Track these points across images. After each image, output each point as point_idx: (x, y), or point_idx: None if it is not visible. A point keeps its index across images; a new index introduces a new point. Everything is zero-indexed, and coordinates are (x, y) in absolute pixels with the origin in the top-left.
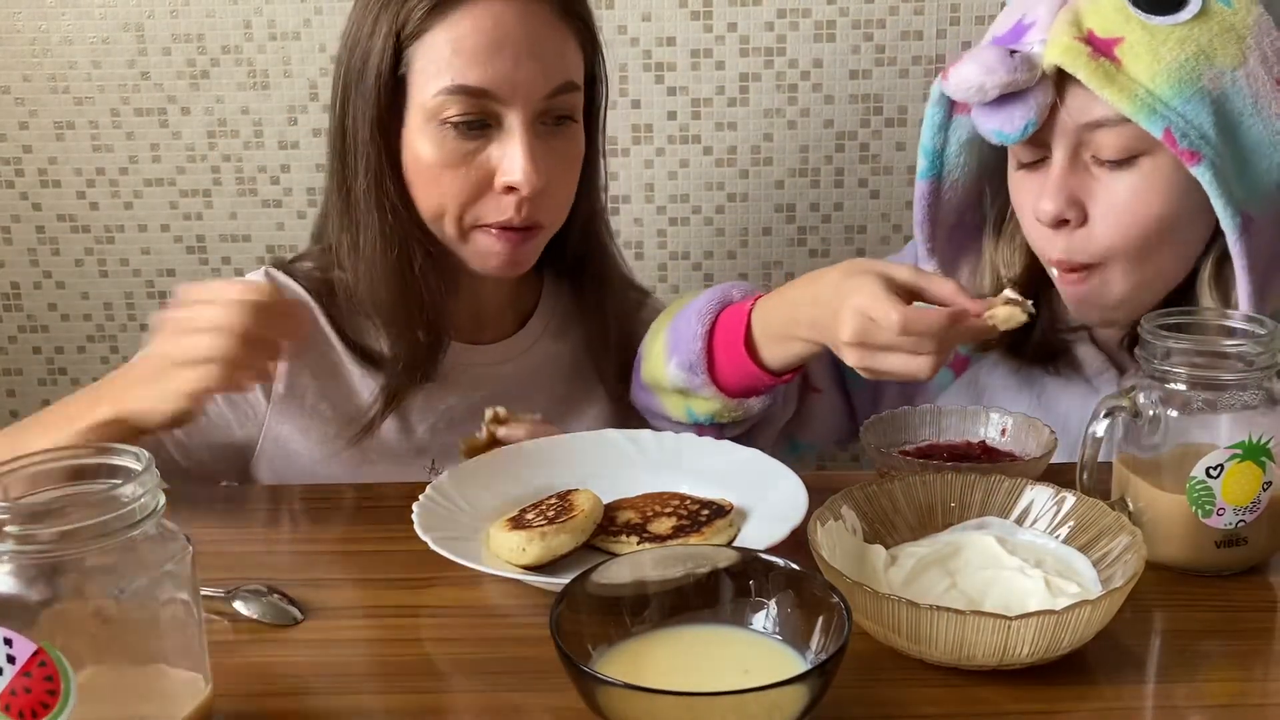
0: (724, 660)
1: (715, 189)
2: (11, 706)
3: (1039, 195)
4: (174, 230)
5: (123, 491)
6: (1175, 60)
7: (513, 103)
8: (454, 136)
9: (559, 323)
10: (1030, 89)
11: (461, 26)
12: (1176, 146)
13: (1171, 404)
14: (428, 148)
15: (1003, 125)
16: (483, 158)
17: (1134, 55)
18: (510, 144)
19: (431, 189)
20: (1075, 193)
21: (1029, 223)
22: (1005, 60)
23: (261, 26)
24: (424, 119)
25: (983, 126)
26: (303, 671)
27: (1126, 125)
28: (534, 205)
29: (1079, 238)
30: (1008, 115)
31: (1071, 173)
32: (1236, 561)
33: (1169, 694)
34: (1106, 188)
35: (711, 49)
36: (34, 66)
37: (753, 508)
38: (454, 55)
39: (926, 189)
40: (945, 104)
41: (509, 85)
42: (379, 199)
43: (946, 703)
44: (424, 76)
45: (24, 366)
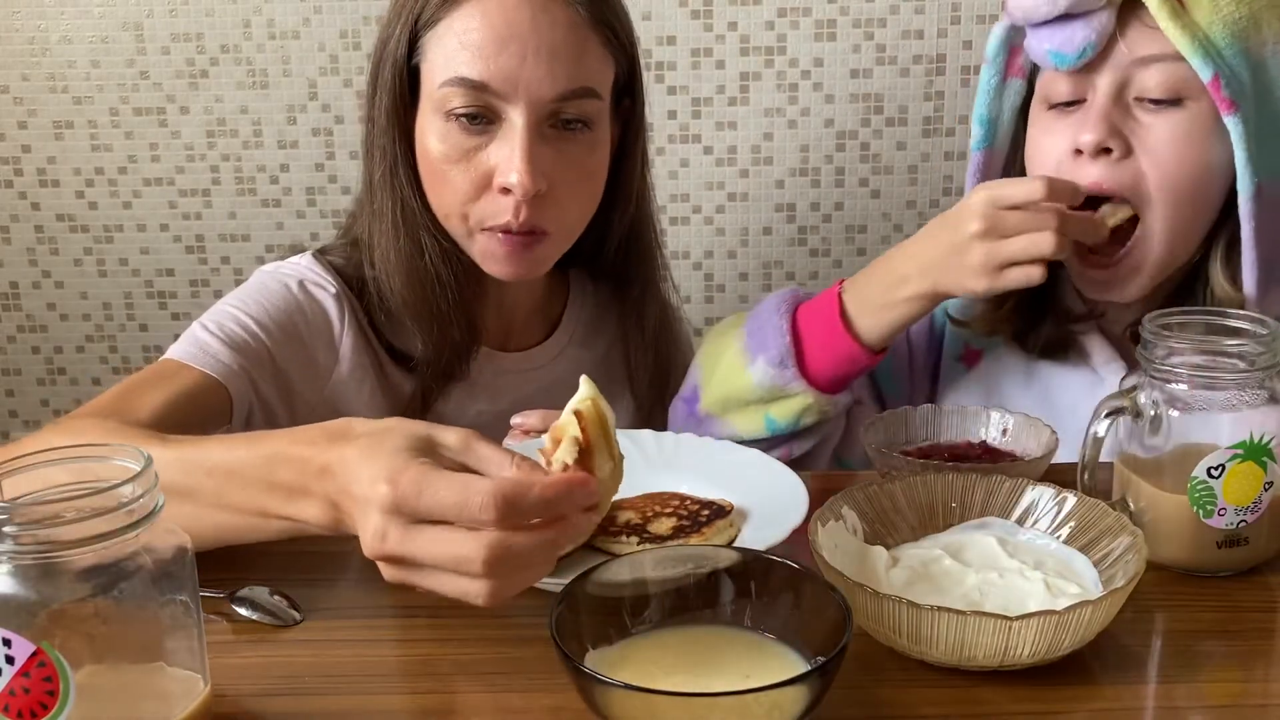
0: (724, 661)
1: (715, 189)
2: (10, 706)
3: (1079, 129)
4: (173, 230)
5: (123, 491)
6: (1231, 15)
7: (515, 100)
8: (458, 131)
9: (585, 329)
10: (1094, 11)
11: (472, 19)
12: (1220, 93)
13: (1173, 404)
14: (434, 141)
15: (1063, 45)
16: (483, 155)
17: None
18: (509, 143)
19: (437, 184)
20: (1119, 126)
21: (1053, 166)
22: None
23: (261, 26)
24: (432, 111)
25: (1039, 47)
26: (302, 671)
27: (1176, 65)
28: (535, 210)
29: (1119, 169)
30: (1069, 35)
31: (1115, 108)
32: (1237, 562)
33: (1170, 694)
34: (1148, 127)
35: (711, 48)
36: (33, 66)
37: (753, 508)
38: (460, 47)
39: (982, 161)
40: (1001, 63)
41: (511, 82)
42: (392, 188)
43: (947, 703)
44: (433, 67)
45: (23, 366)
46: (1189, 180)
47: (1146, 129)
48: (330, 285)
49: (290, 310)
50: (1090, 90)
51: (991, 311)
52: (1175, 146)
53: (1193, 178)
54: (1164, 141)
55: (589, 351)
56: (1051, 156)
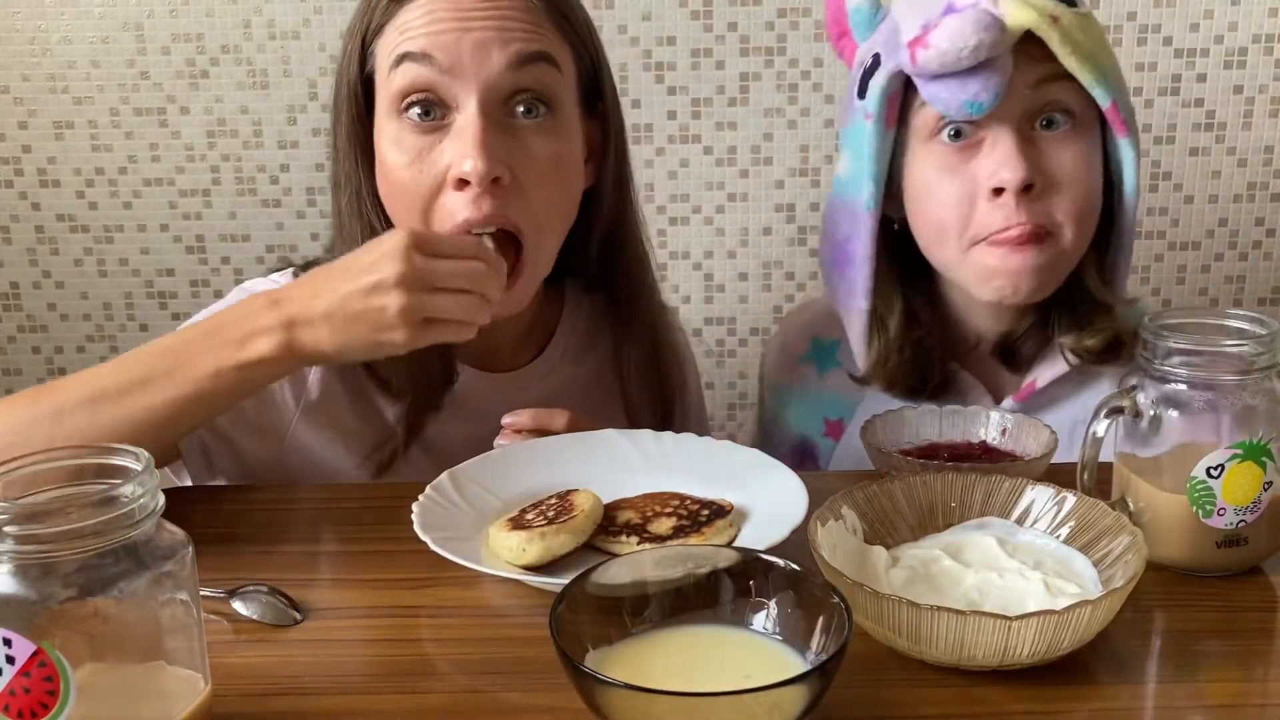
0: (724, 661)
1: (715, 189)
2: (11, 706)
3: (995, 167)
4: (173, 230)
5: (123, 491)
6: (1097, 43)
7: (465, 78)
8: (411, 130)
9: (578, 346)
10: (999, 55)
11: (416, 10)
12: (1118, 116)
13: (1172, 404)
14: (390, 149)
15: (978, 94)
16: (438, 154)
17: (1073, 31)
18: (463, 131)
19: (395, 195)
20: (1035, 160)
21: (960, 209)
22: (990, 20)
23: (261, 26)
24: (385, 115)
25: (952, 98)
26: (302, 671)
27: (1069, 92)
28: (501, 204)
29: (1042, 204)
30: (984, 82)
31: (1025, 143)
32: (1237, 562)
33: (1169, 694)
34: (1055, 156)
35: (711, 48)
36: (33, 66)
37: (753, 508)
38: (402, 32)
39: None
40: (884, 116)
41: (454, 53)
42: (360, 214)
43: (946, 703)
44: (382, 62)
45: (23, 366)
46: (1091, 198)
47: (1054, 157)
48: None
49: None
50: (987, 130)
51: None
52: (1085, 172)
53: (1093, 196)
54: (1075, 166)
55: (581, 369)
56: (956, 200)
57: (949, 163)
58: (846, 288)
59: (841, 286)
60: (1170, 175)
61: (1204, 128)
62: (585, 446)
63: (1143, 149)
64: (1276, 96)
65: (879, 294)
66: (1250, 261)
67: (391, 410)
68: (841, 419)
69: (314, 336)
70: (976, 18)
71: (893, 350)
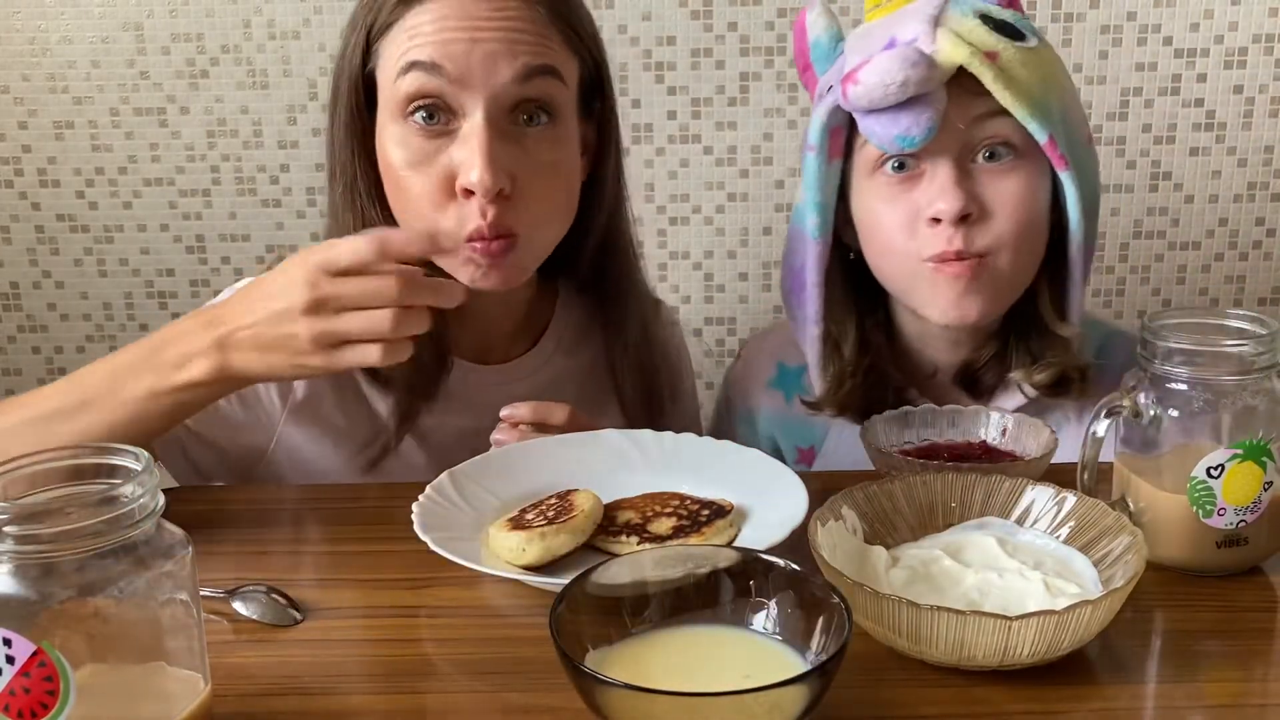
0: (724, 661)
1: (715, 189)
2: (11, 706)
3: (933, 197)
4: (173, 230)
5: (122, 491)
6: (1040, 77)
7: (472, 88)
8: (416, 134)
9: (572, 338)
10: (930, 91)
11: (426, 14)
12: (1056, 151)
13: (1172, 404)
14: (394, 149)
15: (909, 129)
16: (444, 158)
17: (1013, 67)
18: (469, 140)
19: (400, 195)
20: (972, 190)
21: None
22: (918, 58)
23: (261, 26)
24: (390, 116)
25: (884, 132)
26: (302, 671)
27: (1007, 120)
28: (504, 211)
29: (977, 231)
30: (915, 117)
31: (962, 173)
32: (1237, 562)
33: (1169, 694)
34: (994, 186)
35: (711, 48)
36: (33, 66)
37: (753, 508)
38: (411, 37)
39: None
40: (826, 148)
41: (464, 63)
42: (355, 207)
43: (946, 703)
44: (388, 64)
45: (23, 366)
46: (1033, 229)
47: (992, 186)
48: None
49: None
50: (927, 160)
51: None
52: (1024, 200)
53: (1035, 226)
54: (1014, 195)
55: (574, 361)
56: (898, 225)
57: (891, 193)
58: (802, 314)
59: (799, 312)
60: (1170, 175)
61: (1204, 128)
62: (585, 446)
63: (1142, 149)
64: (1276, 96)
65: (834, 320)
66: (1250, 261)
67: (383, 404)
68: (813, 446)
69: (243, 359)
70: (904, 55)
71: (846, 375)
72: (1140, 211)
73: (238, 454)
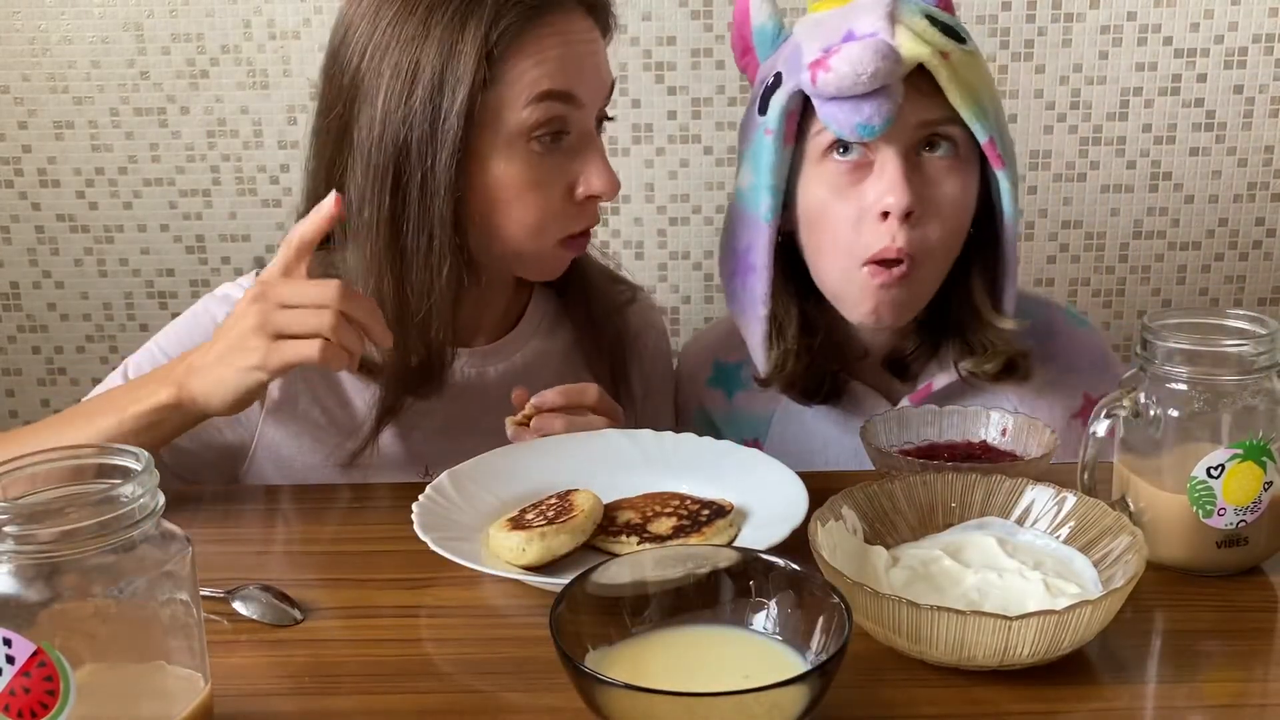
0: (724, 661)
1: (715, 189)
2: (11, 706)
3: (882, 192)
4: (173, 230)
5: (122, 491)
6: (980, 80)
7: (589, 108)
8: (540, 152)
9: (550, 322)
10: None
11: (547, 35)
12: (995, 151)
13: (1172, 404)
14: (512, 167)
15: (870, 118)
16: (562, 170)
17: (960, 69)
18: (591, 153)
19: (511, 209)
20: (918, 188)
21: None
22: (888, 50)
23: (261, 26)
24: (509, 138)
25: (846, 119)
26: (302, 671)
27: (953, 127)
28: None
29: (918, 232)
30: (876, 107)
31: (912, 170)
32: (1237, 562)
33: (1169, 694)
34: (937, 184)
35: (711, 48)
36: (33, 66)
37: (753, 508)
38: (538, 65)
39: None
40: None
41: (591, 90)
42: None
43: (947, 703)
44: (514, 86)
45: (23, 366)
46: (960, 235)
47: (936, 185)
48: None
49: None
50: (877, 153)
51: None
52: (961, 201)
53: (962, 232)
54: (954, 196)
55: (553, 343)
56: (846, 219)
57: (840, 184)
58: (748, 296)
59: (743, 295)
60: (1170, 175)
61: (1204, 128)
62: (585, 446)
63: (1142, 149)
64: (1276, 96)
65: (777, 301)
66: (1250, 261)
67: (361, 397)
68: (757, 438)
69: (199, 382)
70: (876, 46)
71: (790, 355)
72: (1140, 211)
73: (217, 458)
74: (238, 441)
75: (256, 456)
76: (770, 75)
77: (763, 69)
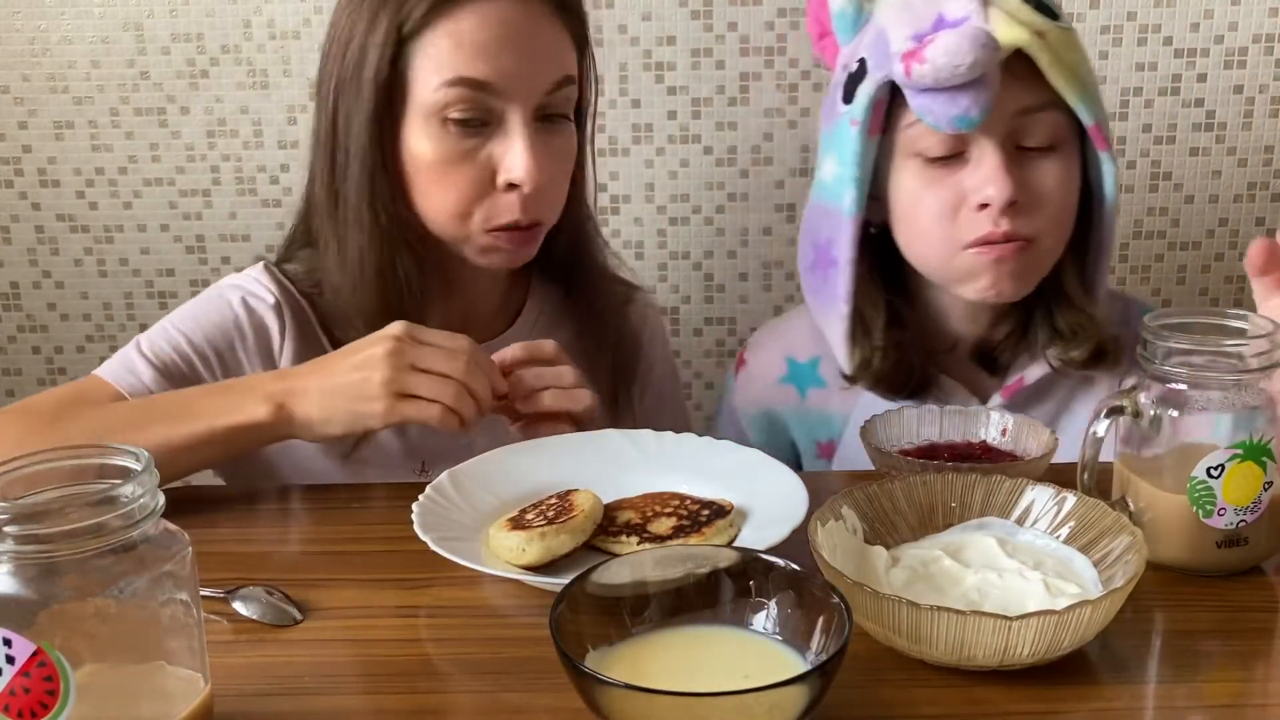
0: (724, 661)
1: (715, 189)
2: (11, 706)
3: (981, 183)
4: (173, 230)
5: (122, 491)
6: (1081, 59)
7: (514, 98)
8: (454, 134)
9: (547, 320)
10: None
11: (465, 21)
12: (1101, 135)
13: (1172, 404)
14: (427, 146)
15: (968, 109)
16: (483, 155)
17: (1059, 49)
18: (512, 141)
19: (434, 189)
20: (1019, 177)
21: (945, 219)
22: (986, 39)
23: (261, 26)
24: (423, 116)
25: (942, 112)
26: (302, 671)
27: (1054, 114)
28: (534, 203)
29: (1022, 218)
30: (973, 98)
31: (1010, 160)
32: (1237, 562)
33: (1169, 694)
34: (1038, 173)
35: (711, 48)
36: (33, 66)
37: (753, 508)
38: (456, 49)
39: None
40: (868, 123)
41: (512, 80)
42: (371, 200)
43: (947, 703)
44: (423, 72)
45: (23, 366)
46: (1071, 214)
47: (1037, 173)
48: (269, 297)
49: (228, 329)
50: (973, 144)
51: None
52: (1062, 188)
53: (1072, 210)
54: (1054, 187)
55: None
56: (940, 210)
57: (934, 174)
58: (829, 291)
59: (824, 290)
60: (1170, 175)
61: (1204, 128)
62: (585, 446)
63: (1143, 149)
64: (1276, 96)
65: (862, 297)
66: None
67: None
68: (833, 440)
69: (304, 407)
70: (973, 35)
71: (876, 350)
72: (1140, 211)
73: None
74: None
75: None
76: (854, 62)
77: (843, 54)
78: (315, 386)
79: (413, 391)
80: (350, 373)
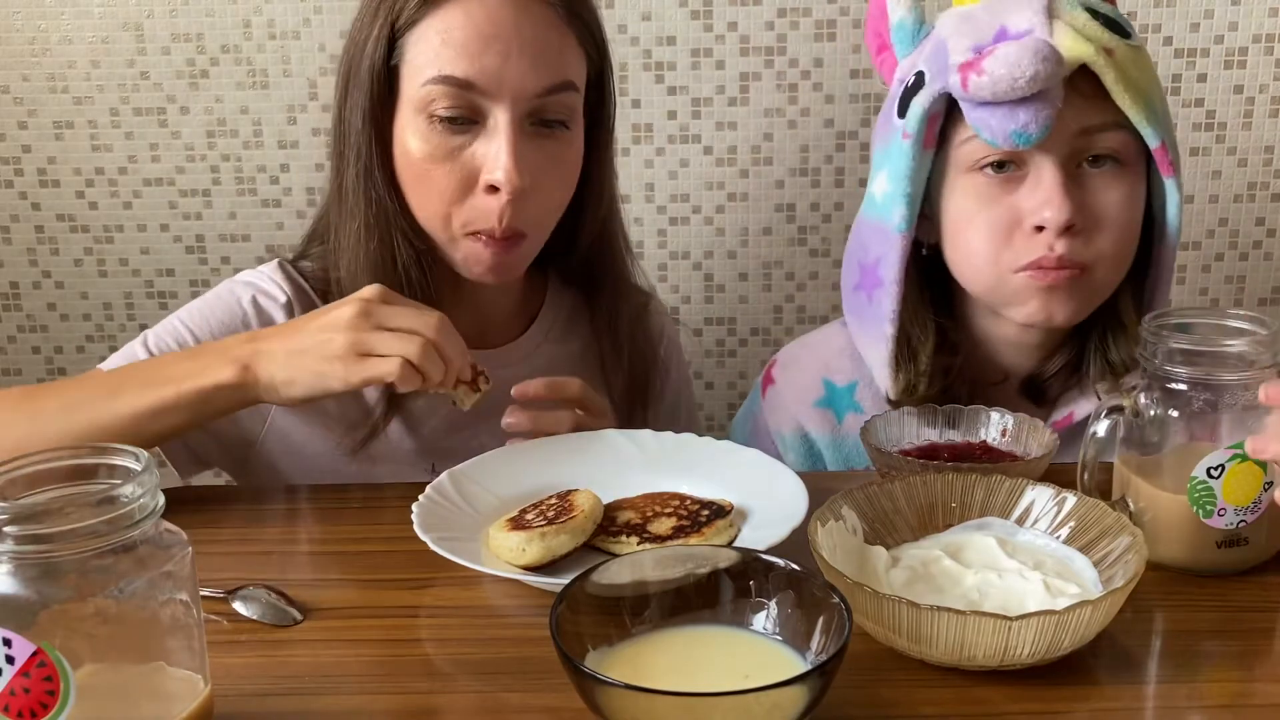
0: (724, 661)
1: (715, 189)
2: (10, 706)
3: (1038, 204)
4: (173, 230)
5: (122, 491)
6: (1150, 79)
7: (500, 98)
8: (440, 131)
9: (563, 327)
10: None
11: (453, 18)
12: (1166, 157)
13: (1172, 404)
14: (415, 141)
15: (1027, 124)
16: (468, 154)
17: (1126, 67)
18: (495, 141)
19: (420, 185)
20: (1078, 199)
21: (999, 240)
22: (1049, 51)
23: (261, 26)
24: (413, 111)
25: (1001, 126)
26: (302, 671)
27: (1118, 133)
28: (516, 211)
29: (1079, 242)
30: (1034, 113)
31: (1070, 180)
32: (1237, 561)
33: (1169, 694)
34: (1098, 196)
35: (711, 48)
36: (33, 66)
37: (753, 508)
38: (443, 46)
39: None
40: (923, 136)
41: (496, 80)
42: (366, 190)
43: (947, 703)
44: (414, 67)
45: (23, 366)
46: (1132, 239)
47: (1097, 195)
48: (280, 295)
49: (234, 326)
50: (1032, 162)
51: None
52: (1125, 213)
53: (1134, 236)
54: (1116, 212)
55: (564, 347)
56: (993, 230)
57: (990, 193)
58: (874, 311)
59: (868, 310)
60: None
61: (1204, 128)
62: (585, 446)
63: None
64: (1276, 96)
65: (909, 318)
66: (1250, 261)
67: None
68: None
69: (268, 368)
70: (1035, 47)
71: (922, 377)
72: None
73: (232, 439)
74: (249, 425)
75: (266, 441)
76: (911, 75)
77: (901, 67)
78: (281, 348)
79: (376, 350)
80: (316, 334)
